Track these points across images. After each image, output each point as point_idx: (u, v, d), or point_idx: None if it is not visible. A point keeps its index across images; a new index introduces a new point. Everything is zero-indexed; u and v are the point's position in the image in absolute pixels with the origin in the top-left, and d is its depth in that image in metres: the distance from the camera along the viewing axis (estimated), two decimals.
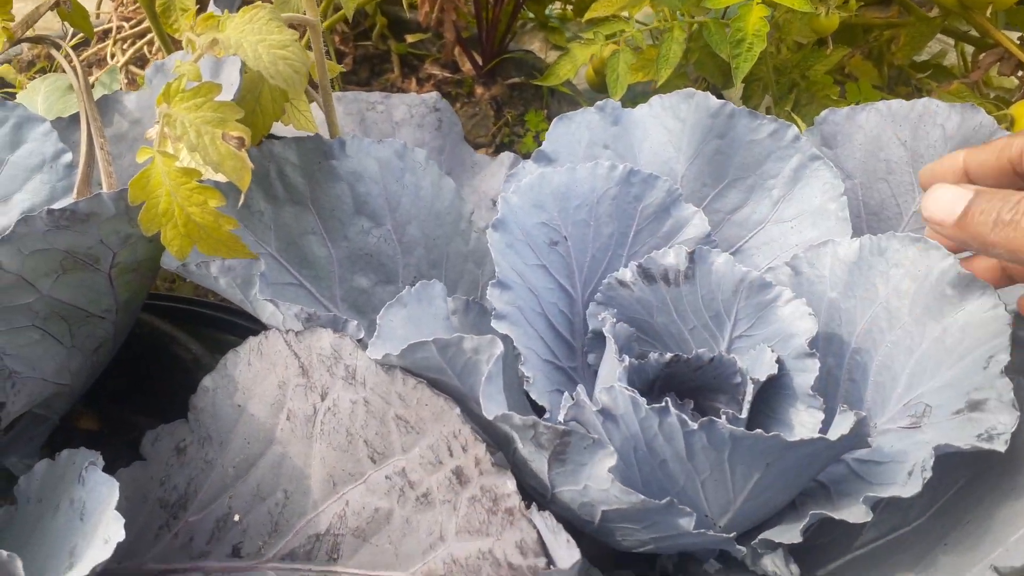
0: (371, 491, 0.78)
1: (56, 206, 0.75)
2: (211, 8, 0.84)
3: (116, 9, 1.85)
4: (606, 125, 1.01)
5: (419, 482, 0.74)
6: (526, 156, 1.34)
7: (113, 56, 1.77)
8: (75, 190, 0.85)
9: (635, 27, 1.34)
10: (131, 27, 1.80)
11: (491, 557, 0.68)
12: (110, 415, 1.18)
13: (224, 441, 0.87)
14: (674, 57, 1.26)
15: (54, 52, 1.08)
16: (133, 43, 1.78)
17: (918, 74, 1.44)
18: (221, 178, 0.74)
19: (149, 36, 1.77)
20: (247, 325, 1.21)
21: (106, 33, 1.82)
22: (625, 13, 1.45)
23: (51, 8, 1.11)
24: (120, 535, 0.64)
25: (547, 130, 1.83)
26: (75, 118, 1.05)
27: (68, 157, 0.93)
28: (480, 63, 1.87)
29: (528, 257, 0.87)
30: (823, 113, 1.03)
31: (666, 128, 1.00)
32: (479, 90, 1.86)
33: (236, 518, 0.84)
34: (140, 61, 1.82)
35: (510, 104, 1.90)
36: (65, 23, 1.41)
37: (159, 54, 1.69)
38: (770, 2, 1.15)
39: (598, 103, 1.02)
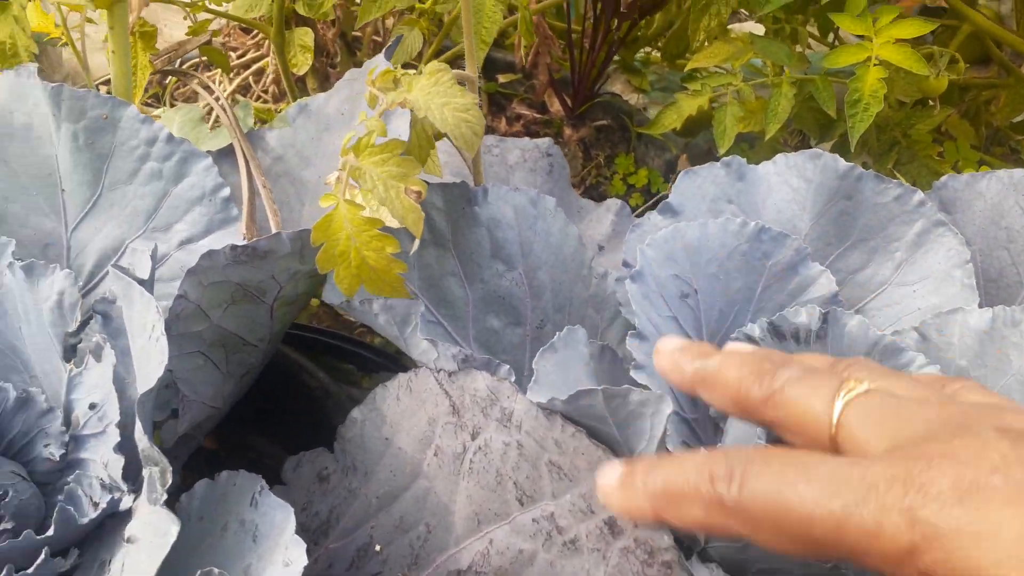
0: (516, 532, 0.81)
1: (237, 243, 0.79)
2: (381, 61, 0.90)
3: (223, 39, 1.92)
4: (732, 180, 1.05)
5: (567, 528, 0.77)
6: (617, 198, 1.38)
7: (220, 83, 1.84)
8: (243, 226, 0.90)
9: (741, 80, 1.38)
10: (238, 56, 1.87)
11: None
12: (229, 436, 1.23)
13: (369, 472, 0.91)
14: (783, 112, 1.30)
15: (198, 88, 1.14)
16: (239, 73, 1.85)
17: (1016, 136, 1.46)
18: (392, 222, 0.78)
19: (254, 67, 1.84)
20: (367, 355, 1.26)
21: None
22: (728, 65, 1.49)
23: (198, 46, 1.18)
24: (303, 560, 0.68)
25: (633, 172, 1.87)
26: (222, 152, 1.10)
27: (226, 192, 0.98)
28: (570, 105, 1.91)
29: (661, 309, 0.91)
30: (943, 179, 1.06)
31: (791, 187, 1.03)
32: (568, 132, 1.91)
33: (377, 548, 0.88)
34: (243, 90, 1.88)
35: (597, 146, 1.95)
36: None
37: (272, 86, 1.75)
38: (886, 63, 1.19)
39: (724, 159, 1.05)
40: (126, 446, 0.84)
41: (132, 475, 0.85)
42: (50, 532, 0.79)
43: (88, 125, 1.01)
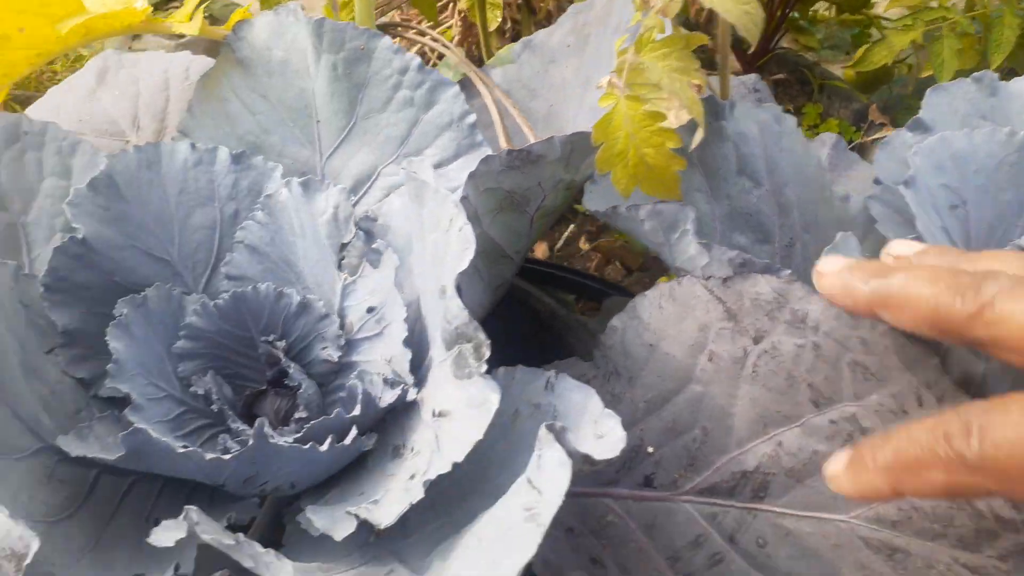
0: (809, 434, 0.81)
1: (513, 148, 0.82)
2: None
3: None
4: (983, 96, 1.02)
5: (872, 429, 0.77)
6: None
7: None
8: (502, 141, 0.93)
9: (957, 14, 1.34)
10: (416, 22, 1.93)
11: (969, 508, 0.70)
12: None
13: (633, 377, 0.93)
14: (1007, 43, 1.26)
15: (415, 37, 1.19)
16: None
17: None
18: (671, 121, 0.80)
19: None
20: (590, 284, 1.29)
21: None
22: (934, 3, 1.45)
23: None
24: (619, 431, 0.70)
25: (819, 123, 1.84)
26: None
27: (472, 118, 1.02)
28: (748, 59, 1.89)
29: (932, 218, 0.90)
30: None
31: None
32: None
33: (649, 450, 0.89)
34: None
35: (775, 100, 1.92)
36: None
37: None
38: None
39: (974, 75, 1.03)
40: (410, 342, 0.89)
41: (413, 370, 0.90)
42: (356, 412, 0.84)
43: (346, 56, 1.07)
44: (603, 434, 0.72)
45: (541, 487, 0.61)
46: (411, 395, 0.87)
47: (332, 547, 0.86)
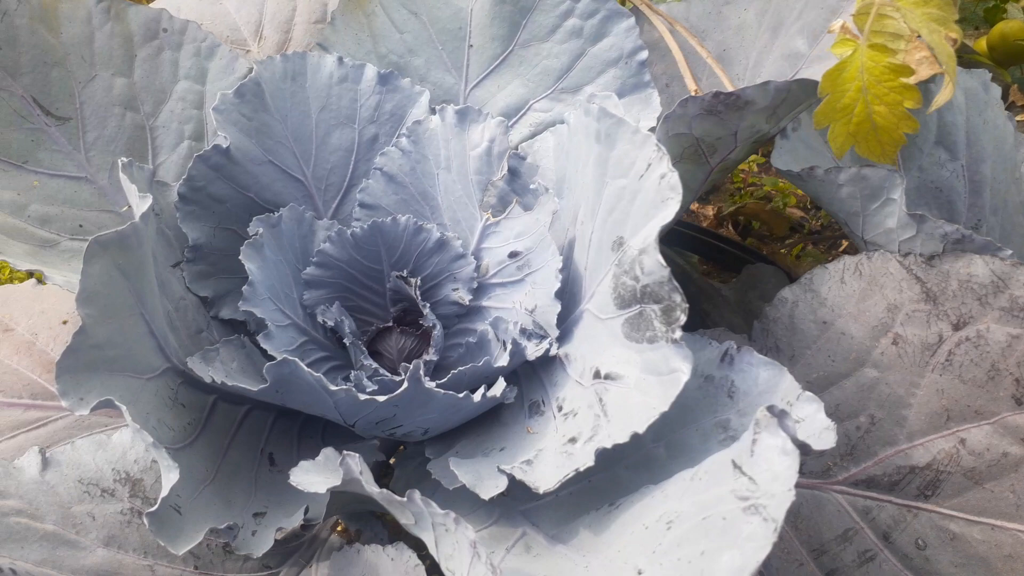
0: (1002, 433, 0.73)
1: (720, 91, 0.74)
2: None
3: None
4: None
5: None
6: None
7: None
8: (690, 83, 0.84)
9: None
10: None
11: None
12: None
13: (796, 355, 0.84)
14: None
15: None
16: None
17: None
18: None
19: None
20: (728, 248, 1.20)
21: None
22: None
23: None
24: (821, 417, 0.62)
25: None
26: None
27: (644, 55, 0.93)
28: None
29: None
30: None
31: None
32: None
33: None
34: None
35: None
36: None
37: None
38: None
39: None
40: (561, 293, 0.81)
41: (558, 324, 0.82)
42: (504, 362, 0.77)
43: None
44: (801, 419, 0.64)
45: (755, 475, 0.53)
46: (553, 350, 0.80)
47: (454, 499, 0.80)
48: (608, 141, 0.72)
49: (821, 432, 0.61)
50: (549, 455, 0.71)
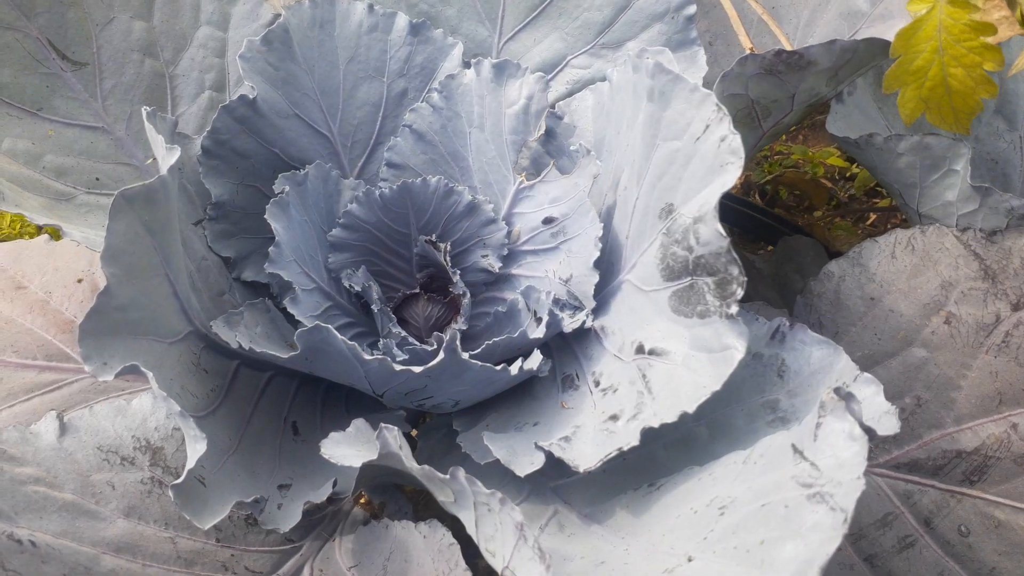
0: None
1: (782, 49, 0.69)
2: None
3: None
4: None
5: None
6: None
7: None
8: (743, 39, 0.80)
9: None
10: None
11: None
12: None
13: (840, 331, 0.81)
14: None
15: None
16: None
17: None
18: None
19: None
20: (763, 219, 1.16)
21: None
22: None
23: None
24: (882, 401, 0.59)
25: None
26: None
27: (692, 10, 0.88)
28: None
29: None
30: None
31: None
32: None
33: None
34: None
35: None
36: None
37: None
38: None
39: None
40: (599, 263, 0.78)
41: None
42: (540, 334, 0.74)
43: None
44: (863, 399, 0.61)
45: (819, 462, 0.50)
46: (588, 322, 0.77)
47: (483, 474, 0.77)
48: (662, 99, 0.68)
49: (881, 416, 0.58)
50: (588, 432, 0.68)
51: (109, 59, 0.84)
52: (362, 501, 0.83)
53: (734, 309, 0.60)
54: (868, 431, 0.51)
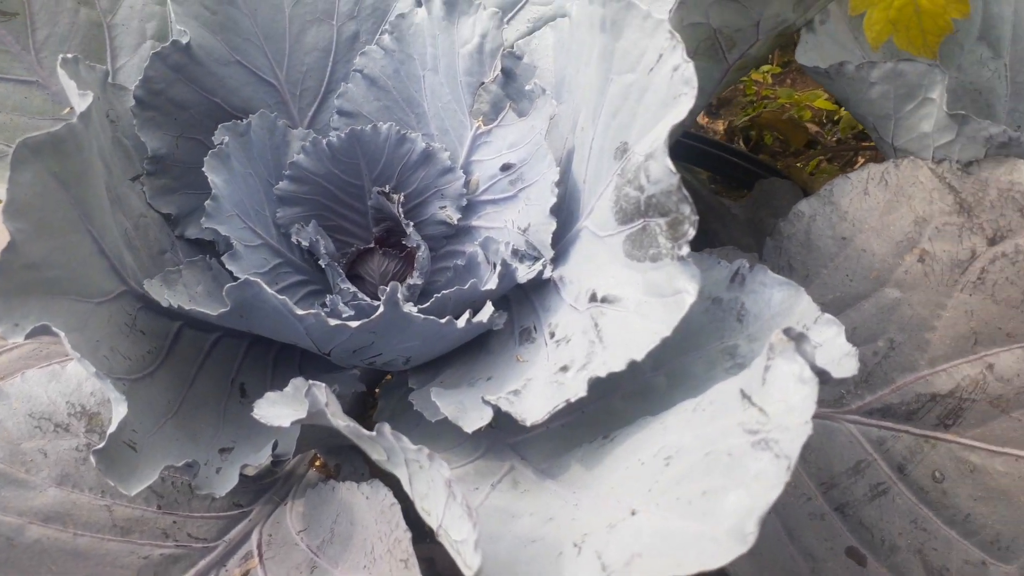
0: None
1: None
2: None
3: None
4: None
5: None
6: None
7: None
8: None
9: None
10: None
11: None
12: None
13: (811, 274, 0.77)
14: None
15: None
16: None
17: None
18: None
19: None
20: (739, 162, 1.12)
21: None
22: None
23: None
24: (843, 343, 0.56)
25: None
26: None
27: None
28: None
29: None
30: None
31: None
32: None
33: None
34: None
35: None
36: None
37: None
38: None
39: None
40: (557, 210, 0.74)
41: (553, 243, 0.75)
42: (492, 285, 0.71)
43: None
44: (819, 344, 0.57)
45: (767, 407, 0.47)
46: (546, 272, 0.73)
47: (438, 432, 0.75)
48: (614, 29, 0.63)
49: (841, 358, 0.55)
50: (538, 385, 0.65)
51: (41, 8, 0.80)
52: (318, 464, 0.81)
53: (685, 251, 0.56)
54: (821, 373, 0.48)
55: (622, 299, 0.62)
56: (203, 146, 0.80)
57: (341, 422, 0.51)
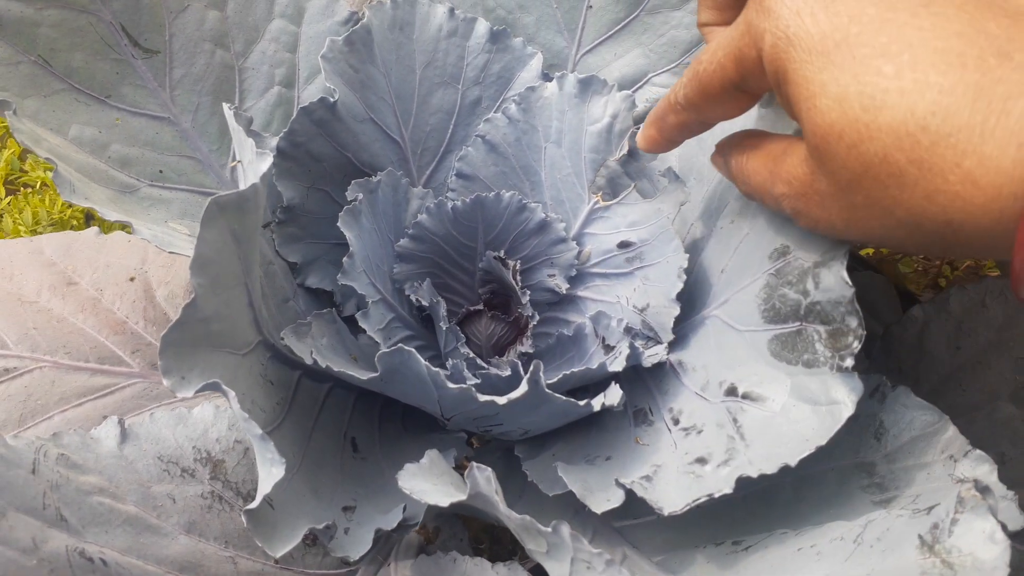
0: None
1: None
2: None
3: None
4: None
5: None
6: None
7: None
8: None
9: None
10: None
11: None
12: None
13: (921, 380, 0.79)
14: None
15: None
16: None
17: None
18: None
19: None
20: None
21: None
22: None
23: None
24: (1003, 489, 0.56)
25: None
26: None
27: None
28: None
29: None
30: None
31: None
32: None
33: None
34: None
35: None
36: None
37: None
38: None
39: None
40: (681, 295, 0.75)
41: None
42: (617, 367, 0.71)
43: None
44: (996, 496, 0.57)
45: (953, 560, 0.47)
46: (661, 356, 0.74)
47: (543, 506, 0.75)
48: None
49: (996, 501, 0.55)
50: (670, 473, 0.65)
51: (180, 48, 0.81)
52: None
53: (849, 362, 0.57)
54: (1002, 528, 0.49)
55: (766, 398, 0.62)
56: (330, 197, 0.81)
57: (513, 514, 0.51)
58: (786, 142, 0.56)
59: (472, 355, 0.76)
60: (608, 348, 0.79)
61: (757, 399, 0.63)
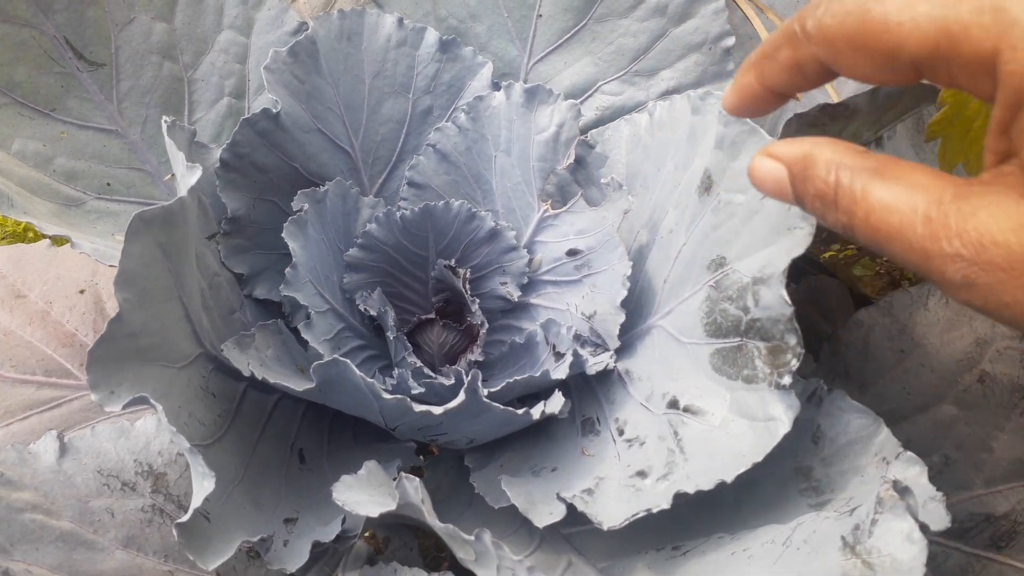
0: None
1: (828, 104, 0.67)
2: None
3: None
4: None
5: None
6: None
7: None
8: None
9: None
10: None
11: None
12: None
13: (867, 384, 0.79)
14: None
15: None
16: None
17: None
18: None
19: None
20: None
21: None
22: None
23: None
24: (927, 486, 0.56)
25: None
26: None
27: (730, 41, 0.86)
28: None
29: None
30: None
31: None
32: None
33: None
34: None
35: None
36: None
37: None
38: None
39: None
40: (626, 302, 0.75)
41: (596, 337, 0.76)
42: (561, 375, 0.71)
43: None
44: (903, 480, 0.58)
45: (873, 561, 0.48)
46: (611, 364, 0.74)
47: (492, 516, 0.75)
48: (732, 149, 0.65)
49: (925, 502, 0.55)
50: (612, 486, 0.65)
51: (127, 60, 0.81)
52: (366, 535, 0.80)
53: (787, 380, 0.57)
54: (922, 527, 0.49)
55: (707, 412, 0.63)
56: (277, 208, 0.81)
57: (437, 523, 0.51)
58: (969, 188, 0.40)
59: (419, 364, 0.77)
60: (559, 355, 0.79)
61: (698, 412, 0.63)
